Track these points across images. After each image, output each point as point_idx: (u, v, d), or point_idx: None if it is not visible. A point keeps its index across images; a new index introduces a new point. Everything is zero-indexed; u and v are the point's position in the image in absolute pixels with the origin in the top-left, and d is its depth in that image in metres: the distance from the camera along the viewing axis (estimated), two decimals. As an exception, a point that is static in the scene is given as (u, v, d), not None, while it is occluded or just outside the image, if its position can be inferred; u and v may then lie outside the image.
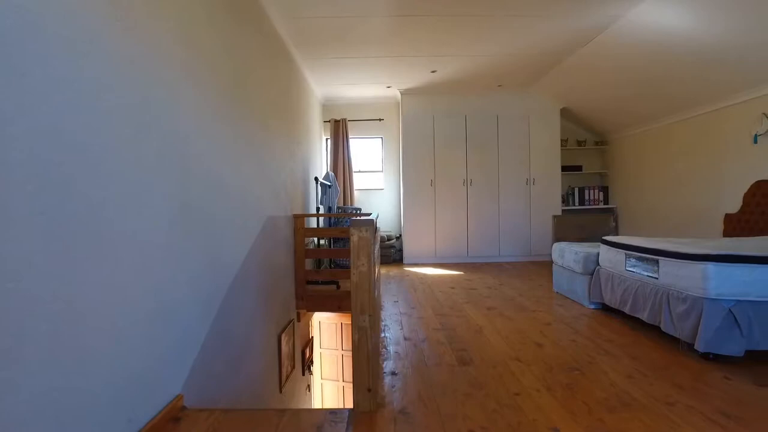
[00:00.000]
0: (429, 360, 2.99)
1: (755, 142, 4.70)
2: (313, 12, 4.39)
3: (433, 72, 6.43)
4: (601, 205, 7.77)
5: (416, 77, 6.68)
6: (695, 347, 2.88)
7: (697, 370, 2.74)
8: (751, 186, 4.79)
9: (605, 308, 4.15)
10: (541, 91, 7.21)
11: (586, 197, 7.78)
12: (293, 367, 4.99)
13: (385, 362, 2.97)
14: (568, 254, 4.57)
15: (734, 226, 5.00)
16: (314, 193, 6.32)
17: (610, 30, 4.78)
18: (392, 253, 7.48)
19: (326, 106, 7.95)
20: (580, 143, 7.94)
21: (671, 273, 3.16)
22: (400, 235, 7.66)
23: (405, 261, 7.36)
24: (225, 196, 2.96)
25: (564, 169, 7.65)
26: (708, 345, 2.81)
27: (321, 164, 7.69)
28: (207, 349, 2.62)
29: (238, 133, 3.27)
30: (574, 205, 7.77)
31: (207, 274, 2.64)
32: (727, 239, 4.18)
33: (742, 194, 4.91)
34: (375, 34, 5.03)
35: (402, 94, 7.34)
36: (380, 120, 8.03)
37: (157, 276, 2.07)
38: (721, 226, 5.20)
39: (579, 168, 7.90)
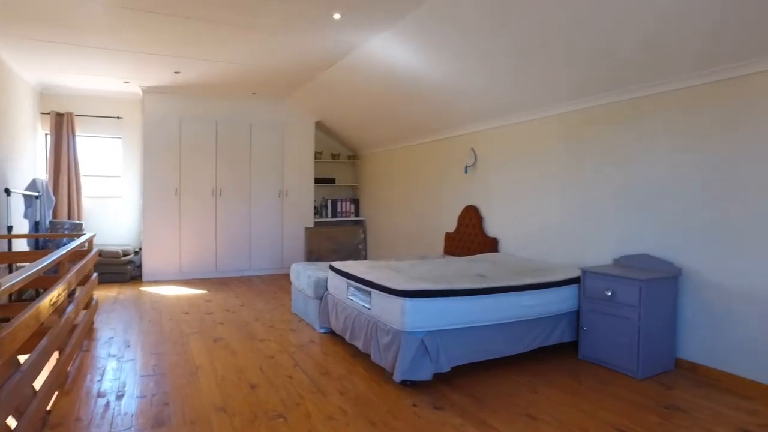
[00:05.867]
0: (118, 425, 2.60)
1: (466, 172, 5.41)
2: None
3: (176, 73, 5.87)
4: (353, 217, 8.17)
5: (159, 76, 6.03)
6: (393, 377, 3.08)
7: (392, 400, 2.92)
8: (463, 209, 5.50)
9: (334, 333, 4.26)
10: (297, 102, 7.22)
11: (339, 209, 8.09)
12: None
13: (60, 434, 2.48)
14: (302, 277, 4.58)
15: (451, 243, 5.69)
16: (16, 205, 5.19)
17: (350, 56, 4.98)
18: (130, 269, 6.65)
19: (45, 96, 6.66)
20: (334, 156, 8.21)
21: (380, 305, 3.34)
22: (140, 250, 6.85)
23: (144, 278, 6.61)
24: None
25: (318, 181, 7.81)
26: (404, 374, 3.04)
27: (36, 166, 6.43)
28: None
29: None
30: (327, 217, 8.01)
31: None
32: (441, 260, 4.70)
33: (457, 216, 5.61)
34: (97, 22, 4.30)
35: (144, 92, 6.56)
36: (119, 118, 7.07)
37: None
38: (444, 243, 5.87)
39: (332, 180, 8.18)
